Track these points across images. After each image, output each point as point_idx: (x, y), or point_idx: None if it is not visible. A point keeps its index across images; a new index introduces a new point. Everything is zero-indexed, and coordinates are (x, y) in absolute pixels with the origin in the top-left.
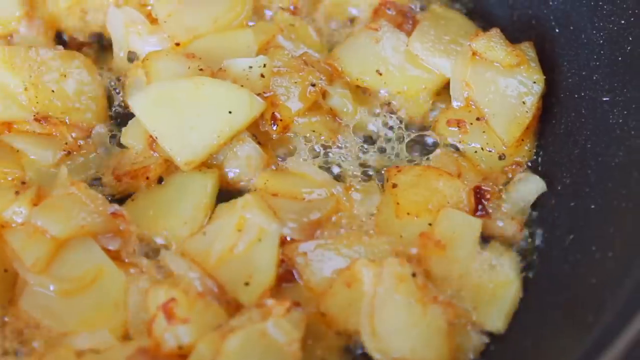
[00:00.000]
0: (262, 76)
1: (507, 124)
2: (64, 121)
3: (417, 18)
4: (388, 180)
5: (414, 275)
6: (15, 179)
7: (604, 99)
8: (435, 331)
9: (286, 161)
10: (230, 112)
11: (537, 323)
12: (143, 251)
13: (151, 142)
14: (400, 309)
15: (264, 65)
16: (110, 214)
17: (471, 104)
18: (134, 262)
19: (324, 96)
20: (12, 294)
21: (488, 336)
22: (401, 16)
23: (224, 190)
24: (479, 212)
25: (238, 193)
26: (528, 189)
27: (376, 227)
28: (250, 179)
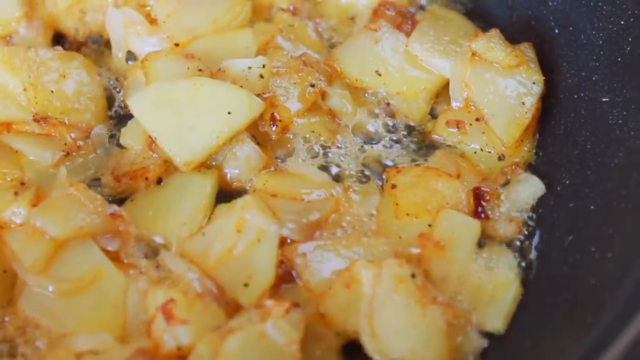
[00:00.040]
0: (261, 77)
1: (507, 124)
2: (63, 122)
3: (417, 19)
4: (387, 181)
5: (413, 276)
6: (14, 179)
7: (604, 99)
8: (434, 332)
9: (285, 162)
10: (229, 112)
11: (536, 324)
12: (142, 252)
13: (150, 142)
14: (399, 309)
15: (263, 66)
16: (109, 214)
17: (470, 104)
18: (133, 262)
19: (323, 97)
20: (11, 294)
21: (487, 337)
22: (400, 17)
23: (223, 191)
24: (478, 213)
25: (237, 194)
26: (527, 190)
27: (375, 228)
28: (250, 180)
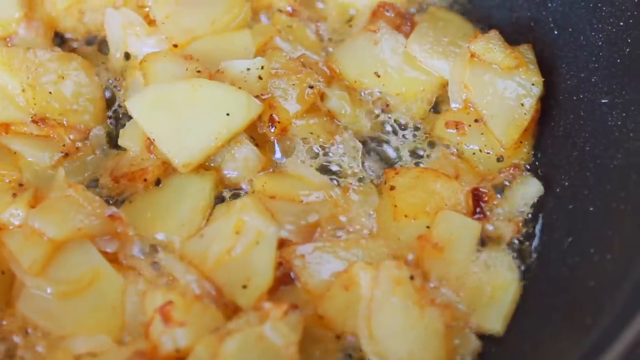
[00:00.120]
0: (260, 78)
1: (506, 126)
2: (62, 123)
3: (416, 20)
4: (386, 182)
5: (411, 278)
6: (12, 181)
7: (603, 101)
8: (432, 334)
9: (284, 163)
10: (227, 114)
11: (535, 325)
12: (141, 253)
13: (149, 144)
14: (397, 311)
15: (262, 67)
16: (107, 216)
17: (469, 105)
18: (131, 264)
19: (322, 98)
20: (9, 296)
21: (486, 339)
22: (399, 18)
23: (222, 193)
24: (477, 215)
25: (236, 195)
26: (526, 192)
27: (374, 229)
28: (248, 181)
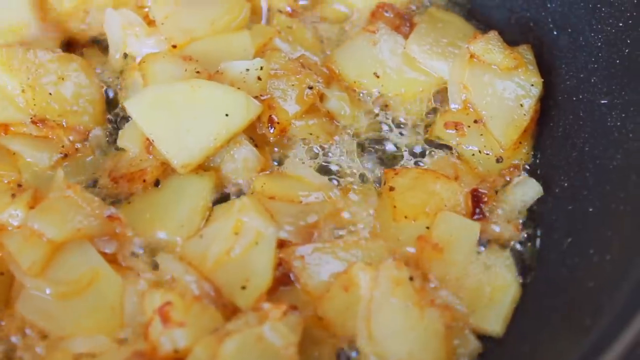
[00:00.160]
0: (259, 79)
1: (505, 126)
2: (61, 124)
3: (415, 20)
4: (385, 183)
5: (411, 279)
6: (11, 181)
7: (602, 101)
8: (432, 335)
9: (283, 164)
10: (226, 114)
11: (534, 326)
12: (140, 254)
13: (148, 145)
14: (397, 312)
15: (261, 68)
16: (106, 217)
17: (469, 106)
18: (130, 265)
19: (321, 99)
20: (8, 297)
21: (486, 339)
22: (399, 18)
23: (221, 193)
24: (477, 215)
25: (235, 196)
26: (525, 192)
27: (373, 230)
28: (247, 182)
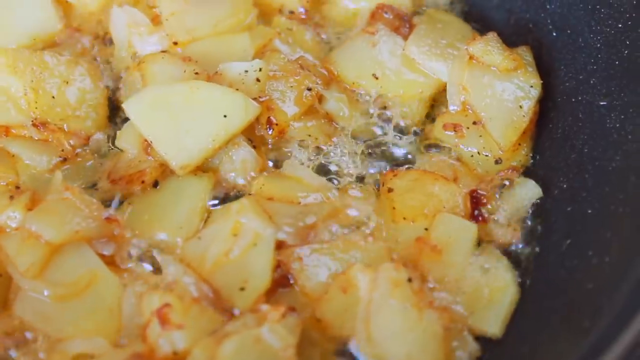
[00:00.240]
0: (258, 80)
1: (504, 128)
2: (62, 128)
3: (414, 22)
4: (384, 184)
5: (409, 280)
6: (9, 183)
7: (601, 103)
8: (431, 336)
9: (282, 165)
10: (225, 116)
11: (534, 328)
12: (138, 256)
13: (146, 146)
14: (395, 314)
15: (260, 70)
16: (104, 218)
17: (468, 108)
18: (128, 267)
19: (320, 100)
20: (6, 299)
21: (485, 341)
22: (398, 20)
23: (220, 195)
24: (475, 217)
25: (234, 197)
26: (524, 194)
27: (372, 231)
28: (246, 183)
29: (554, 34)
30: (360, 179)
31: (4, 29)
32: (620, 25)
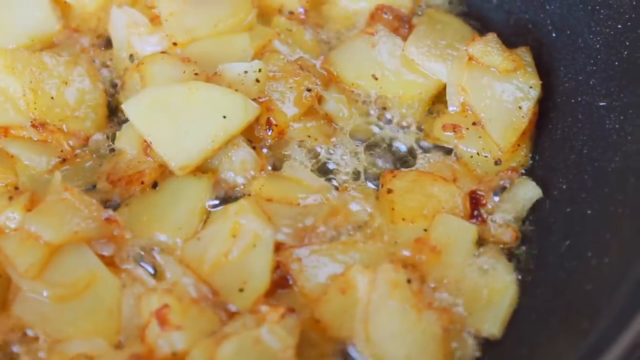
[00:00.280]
0: (257, 81)
1: (503, 129)
2: (61, 129)
3: (414, 22)
4: (383, 185)
5: (409, 282)
6: (8, 184)
7: (601, 104)
8: (430, 337)
9: (281, 166)
10: (224, 116)
11: (532, 329)
12: (137, 257)
13: (145, 147)
14: (394, 315)
15: (259, 70)
16: (104, 219)
17: (467, 108)
18: (127, 267)
19: (320, 101)
20: (5, 299)
21: (484, 342)
22: (398, 20)
23: (219, 196)
24: (475, 218)
25: (233, 198)
26: (524, 195)
27: (371, 232)
28: (245, 184)
29: (554, 34)
30: (360, 179)
31: (3, 29)
32: (619, 26)
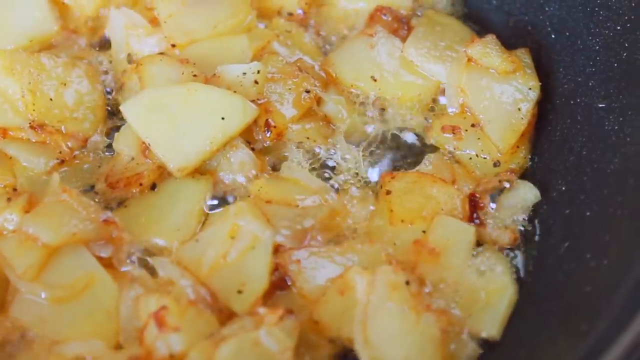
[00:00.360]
0: (256, 82)
1: (502, 130)
2: (60, 130)
3: (413, 24)
4: (382, 186)
5: (407, 283)
6: (6, 185)
7: (600, 105)
8: (428, 339)
9: (280, 168)
10: (223, 118)
11: (531, 331)
12: (135, 258)
13: (144, 148)
14: (393, 317)
15: (258, 72)
16: (102, 221)
17: (466, 110)
18: (126, 269)
19: (319, 102)
20: (3, 301)
21: (482, 344)
22: (397, 22)
23: (218, 197)
24: (474, 219)
25: (231, 200)
26: (523, 196)
27: (370, 234)
28: (244, 186)
29: (553, 36)
30: (358, 181)
31: (1, 30)
32: (618, 28)
